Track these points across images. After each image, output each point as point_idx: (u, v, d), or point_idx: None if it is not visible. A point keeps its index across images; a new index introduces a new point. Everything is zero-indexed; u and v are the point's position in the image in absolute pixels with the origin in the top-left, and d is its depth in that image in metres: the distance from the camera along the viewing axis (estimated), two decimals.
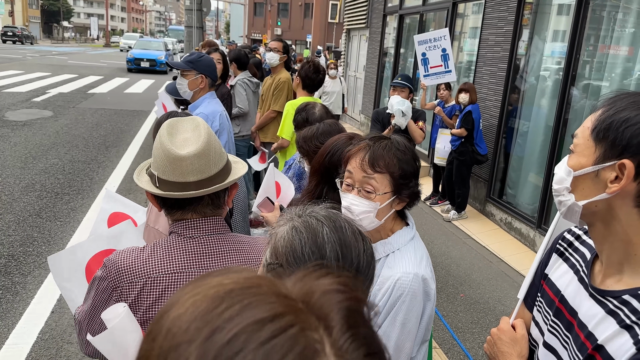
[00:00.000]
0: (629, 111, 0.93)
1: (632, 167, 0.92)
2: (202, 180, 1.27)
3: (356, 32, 13.36)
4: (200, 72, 3.10)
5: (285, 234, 0.91)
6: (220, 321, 0.38)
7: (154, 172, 1.30)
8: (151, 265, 1.25)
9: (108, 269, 1.25)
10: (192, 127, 1.32)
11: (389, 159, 1.40)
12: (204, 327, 0.38)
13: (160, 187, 1.28)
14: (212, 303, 0.39)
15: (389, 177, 1.41)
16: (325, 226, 0.91)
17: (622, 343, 0.91)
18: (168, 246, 1.29)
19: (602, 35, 4.90)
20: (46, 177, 6.28)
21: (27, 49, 33.32)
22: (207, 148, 1.28)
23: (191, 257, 1.28)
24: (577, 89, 5.02)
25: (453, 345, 3.53)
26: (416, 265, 1.40)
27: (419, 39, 6.38)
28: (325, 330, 0.39)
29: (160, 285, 1.24)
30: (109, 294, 1.24)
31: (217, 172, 1.30)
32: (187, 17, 10.28)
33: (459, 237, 5.66)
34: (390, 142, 1.44)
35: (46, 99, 12.02)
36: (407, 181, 1.43)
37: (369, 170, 1.40)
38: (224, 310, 0.39)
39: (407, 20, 9.69)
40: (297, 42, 39.90)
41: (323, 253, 0.88)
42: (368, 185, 1.40)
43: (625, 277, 0.98)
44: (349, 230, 0.93)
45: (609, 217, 0.98)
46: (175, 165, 1.26)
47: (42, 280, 3.83)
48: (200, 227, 1.31)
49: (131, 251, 1.29)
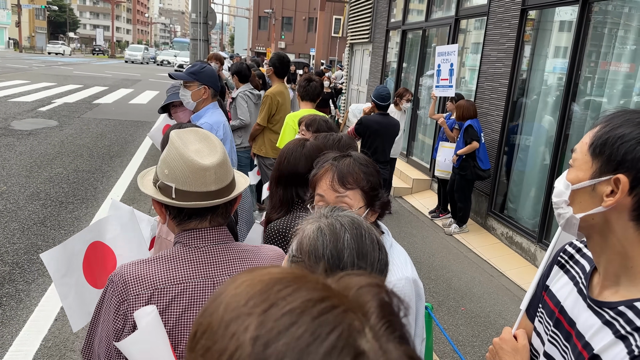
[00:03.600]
0: (624, 128, 0.97)
1: (626, 181, 0.95)
2: (221, 189, 1.30)
3: (359, 47, 13.49)
4: (203, 83, 3.15)
5: (312, 233, 1.00)
6: (276, 298, 0.43)
7: (169, 183, 1.29)
8: (158, 276, 1.25)
9: (115, 283, 1.25)
10: (198, 138, 1.34)
11: (356, 174, 1.44)
12: (262, 302, 0.43)
13: (178, 198, 1.29)
14: (266, 285, 0.45)
15: (360, 192, 1.45)
16: (347, 232, 1.00)
17: (617, 353, 0.94)
18: (174, 257, 1.29)
19: (603, 52, 4.95)
20: (51, 186, 6.32)
21: (33, 59, 33.63)
22: (225, 157, 1.32)
23: (197, 266, 1.29)
24: (578, 105, 5.07)
25: (454, 358, 3.53)
26: (404, 270, 1.46)
27: (439, 51, 6.50)
28: (364, 317, 0.44)
29: (168, 295, 1.24)
30: (117, 307, 1.23)
31: (231, 181, 1.34)
32: (192, 29, 10.39)
33: (460, 251, 5.67)
34: (351, 158, 1.49)
35: (51, 108, 12.12)
36: (376, 192, 1.49)
37: (341, 189, 1.43)
38: (279, 290, 0.44)
39: (409, 36, 9.79)
40: (301, 55, 40.19)
41: (341, 257, 0.97)
42: (342, 204, 1.43)
43: (621, 289, 1.01)
44: (368, 239, 1.01)
45: (606, 230, 1.01)
46: (198, 175, 1.27)
47: (46, 288, 3.85)
48: (206, 237, 1.33)
49: (137, 263, 1.29)
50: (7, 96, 13.33)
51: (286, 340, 0.40)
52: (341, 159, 1.48)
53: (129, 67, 35.32)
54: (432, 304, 4.17)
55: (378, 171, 1.53)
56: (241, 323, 0.42)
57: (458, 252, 5.63)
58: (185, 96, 3.17)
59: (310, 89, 4.20)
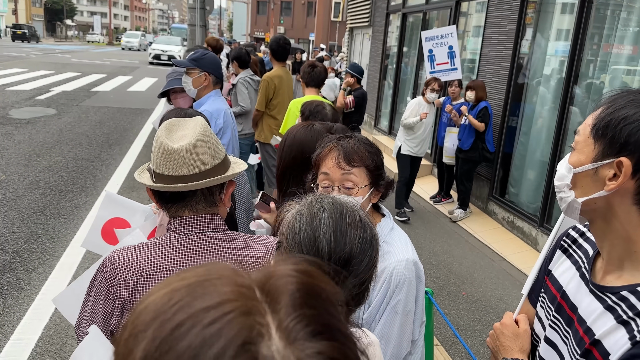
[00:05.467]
0: (628, 109, 0.94)
1: (629, 164, 0.92)
2: (194, 174, 1.30)
3: (359, 31, 13.37)
4: (204, 69, 3.11)
5: (291, 216, 0.99)
6: (171, 312, 0.42)
7: (151, 166, 1.34)
8: (145, 263, 1.26)
9: (105, 267, 1.27)
10: (191, 125, 1.36)
11: (361, 152, 1.45)
12: (157, 318, 0.42)
13: (156, 181, 1.32)
14: (169, 297, 0.43)
15: (365, 170, 1.45)
16: (326, 211, 0.98)
17: (618, 338, 0.92)
18: (163, 244, 1.31)
19: (605, 34, 4.89)
20: (50, 174, 6.30)
21: (31, 47, 33.42)
22: (200, 143, 1.31)
23: (185, 254, 1.29)
24: (580, 88, 5.02)
25: (455, 342, 3.54)
26: (405, 252, 1.45)
27: (426, 35, 6.39)
28: (273, 313, 0.41)
29: (154, 282, 1.25)
30: (106, 292, 1.26)
31: (211, 168, 1.32)
32: (190, 15, 10.28)
33: (461, 236, 5.66)
34: (355, 138, 1.50)
35: (50, 97, 12.06)
36: (380, 172, 1.49)
37: (347, 166, 1.43)
38: (175, 303, 0.42)
39: (410, 19, 9.68)
40: (300, 40, 39.86)
41: (317, 235, 0.95)
42: (348, 181, 1.44)
43: (625, 273, 0.99)
44: (350, 218, 0.98)
45: (609, 214, 0.99)
46: (168, 158, 1.29)
47: (47, 277, 3.85)
48: (196, 224, 1.33)
49: (127, 249, 1.30)
50: (4, 85, 13.25)
51: (171, 356, 0.39)
52: (345, 139, 1.49)
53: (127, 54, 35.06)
54: (433, 289, 4.17)
55: (380, 152, 1.53)
56: (137, 340, 0.42)
57: (459, 237, 5.62)
58: (187, 83, 3.14)
59: (315, 74, 4.16)
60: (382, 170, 1.51)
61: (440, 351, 3.38)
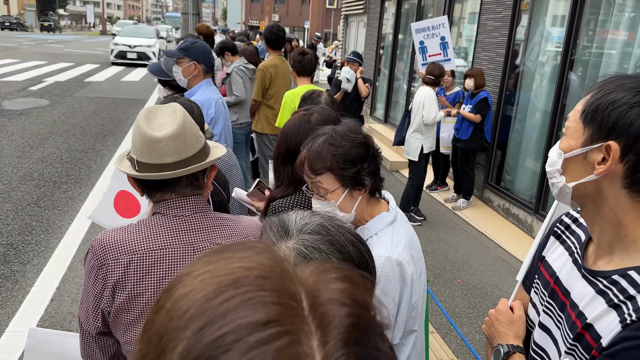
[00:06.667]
0: (616, 93, 0.95)
1: (617, 148, 0.93)
2: (179, 162, 1.31)
3: (354, 18, 13.27)
4: (193, 58, 3.08)
5: None
6: (214, 314, 0.38)
7: (133, 155, 1.34)
8: (136, 243, 1.28)
9: (94, 248, 1.29)
10: (169, 113, 1.37)
11: (323, 158, 1.41)
12: (199, 316, 0.39)
13: (139, 170, 1.32)
14: (214, 290, 0.40)
15: (331, 174, 1.42)
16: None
17: (610, 322, 0.93)
18: (152, 224, 1.33)
19: (601, 20, 4.86)
20: (44, 166, 6.27)
21: (23, 37, 33.06)
22: (182, 130, 1.32)
23: (175, 233, 1.32)
24: (576, 74, 5.00)
25: (450, 330, 3.56)
26: (390, 249, 1.39)
27: (416, 27, 6.32)
28: (320, 344, 0.38)
29: (146, 261, 1.27)
30: (96, 272, 1.27)
31: (194, 154, 1.34)
32: (183, 3, 10.17)
33: (456, 223, 5.68)
34: (324, 137, 1.44)
35: (43, 87, 11.95)
36: (353, 169, 1.40)
37: (312, 175, 1.45)
38: (222, 302, 0.39)
39: (405, 6, 9.61)
40: (295, 28, 39.60)
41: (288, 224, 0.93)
42: (319, 189, 1.45)
43: (615, 257, 1.00)
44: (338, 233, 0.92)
45: (599, 199, 1.00)
46: (151, 147, 1.30)
47: (41, 269, 3.84)
48: (182, 205, 1.36)
49: (117, 230, 1.33)
50: None
51: None
52: (315, 141, 1.45)
53: None
54: (429, 277, 4.19)
55: (356, 143, 1.42)
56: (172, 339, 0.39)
57: (455, 225, 5.63)
58: (177, 73, 3.11)
59: (305, 62, 4.08)
60: (356, 165, 1.40)
61: (436, 338, 3.40)
